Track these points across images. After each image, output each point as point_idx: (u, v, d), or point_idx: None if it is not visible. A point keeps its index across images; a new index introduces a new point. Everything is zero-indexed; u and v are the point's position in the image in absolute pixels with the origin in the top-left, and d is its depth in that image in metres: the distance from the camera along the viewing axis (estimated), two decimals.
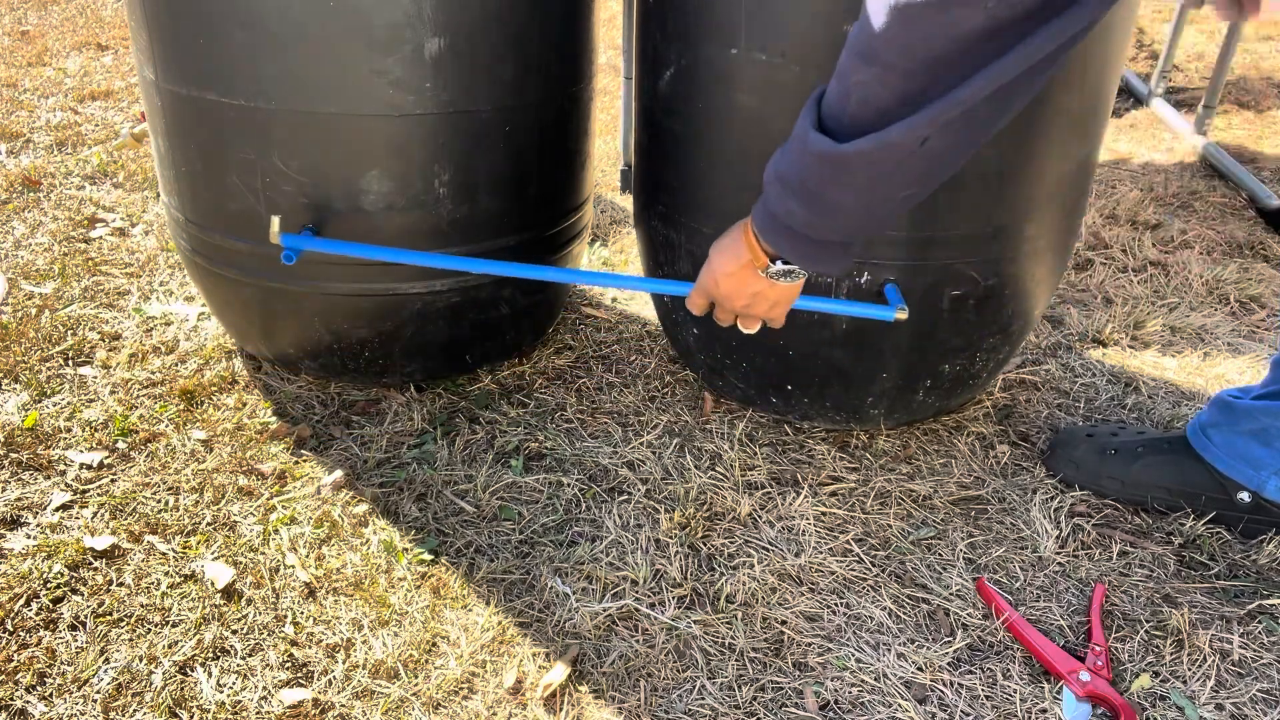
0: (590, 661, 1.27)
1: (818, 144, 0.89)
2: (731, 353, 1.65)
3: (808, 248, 1.02)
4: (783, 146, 0.99)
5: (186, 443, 1.65)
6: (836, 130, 0.89)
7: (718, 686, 1.24)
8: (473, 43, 1.46)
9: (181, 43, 1.45)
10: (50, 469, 1.57)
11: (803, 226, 1.00)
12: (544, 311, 1.90)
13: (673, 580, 1.40)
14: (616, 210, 2.74)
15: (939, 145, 0.83)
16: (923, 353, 1.54)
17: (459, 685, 1.23)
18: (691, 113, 1.47)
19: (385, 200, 1.52)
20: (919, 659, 1.29)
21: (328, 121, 1.45)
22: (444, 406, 1.79)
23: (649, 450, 1.68)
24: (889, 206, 0.93)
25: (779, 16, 1.30)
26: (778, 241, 1.04)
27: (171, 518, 1.48)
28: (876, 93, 0.83)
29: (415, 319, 1.67)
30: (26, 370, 1.82)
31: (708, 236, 1.53)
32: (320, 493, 1.55)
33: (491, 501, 1.55)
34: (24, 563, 1.38)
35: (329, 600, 1.35)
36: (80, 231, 2.40)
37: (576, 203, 1.81)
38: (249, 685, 1.21)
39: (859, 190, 0.90)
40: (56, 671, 1.22)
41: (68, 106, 3.32)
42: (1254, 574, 1.44)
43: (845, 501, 1.58)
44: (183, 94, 1.49)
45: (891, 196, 0.91)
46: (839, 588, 1.41)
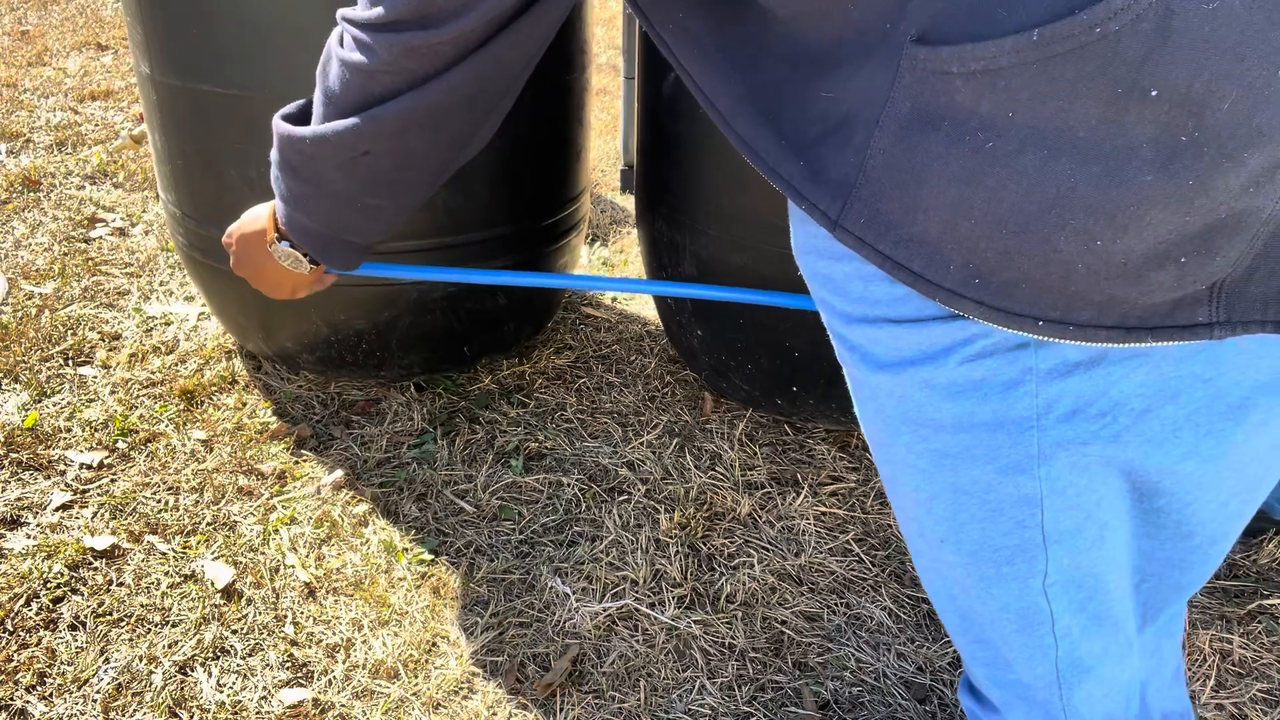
0: (590, 661, 1.27)
1: (280, 125, 0.91)
2: (736, 354, 1.65)
3: (305, 233, 1.01)
4: None
5: (186, 443, 1.65)
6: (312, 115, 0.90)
7: (718, 686, 1.24)
8: None
9: (175, 35, 1.45)
10: (50, 469, 1.57)
11: (292, 205, 0.99)
12: (542, 303, 1.90)
13: (673, 580, 1.40)
14: (616, 210, 2.73)
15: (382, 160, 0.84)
16: None
17: (459, 685, 1.23)
18: (695, 114, 1.47)
19: None
20: (919, 659, 1.29)
21: None
22: (444, 406, 1.79)
23: (649, 450, 1.68)
24: (355, 207, 0.93)
25: None
26: (287, 215, 1.02)
27: (171, 518, 1.48)
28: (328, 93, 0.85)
29: (412, 310, 1.66)
30: (26, 370, 1.82)
31: (713, 238, 1.53)
32: (320, 493, 1.55)
33: (491, 501, 1.55)
34: (24, 563, 1.38)
35: (329, 600, 1.35)
36: (80, 231, 2.40)
37: (573, 193, 1.80)
38: (249, 685, 1.21)
39: (314, 181, 0.91)
40: (56, 671, 1.22)
41: (68, 106, 3.32)
42: (1254, 574, 1.44)
43: (845, 501, 1.58)
44: (177, 86, 1.49)
45: (350, 197, 0.91)
46: (839, 588, 1.41)
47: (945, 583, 0.72)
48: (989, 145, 0.53)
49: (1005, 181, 0.53)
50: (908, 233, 0.58)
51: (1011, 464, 0.63)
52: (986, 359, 0.61)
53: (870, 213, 0.59)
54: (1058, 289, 0.55)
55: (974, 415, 0.63)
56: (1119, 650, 0.70)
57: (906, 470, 0.69)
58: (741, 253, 1.50)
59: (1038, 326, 0.56)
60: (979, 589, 0.69)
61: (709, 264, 1.56)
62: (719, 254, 1.54)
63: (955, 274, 0.57)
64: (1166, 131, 0.49)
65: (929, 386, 0.64)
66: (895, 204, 0.58)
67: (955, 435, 0.64)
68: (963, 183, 0.54)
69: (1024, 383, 0.61)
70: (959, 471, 0.65)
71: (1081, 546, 0.65)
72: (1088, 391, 0.60)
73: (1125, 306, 0.55)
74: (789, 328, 1.53)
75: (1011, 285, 0.56)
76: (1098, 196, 0.51)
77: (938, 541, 0.70)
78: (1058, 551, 0.65)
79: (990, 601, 0.69)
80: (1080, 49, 0.48)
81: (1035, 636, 0.69)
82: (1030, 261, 0.55)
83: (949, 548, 0.69)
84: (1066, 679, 0.70)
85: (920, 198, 0.57)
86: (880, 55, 0.56)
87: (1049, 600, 0.67)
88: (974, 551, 0.68)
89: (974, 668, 0.76)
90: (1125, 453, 0.61)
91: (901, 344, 0.64)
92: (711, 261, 1.56)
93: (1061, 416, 0.61)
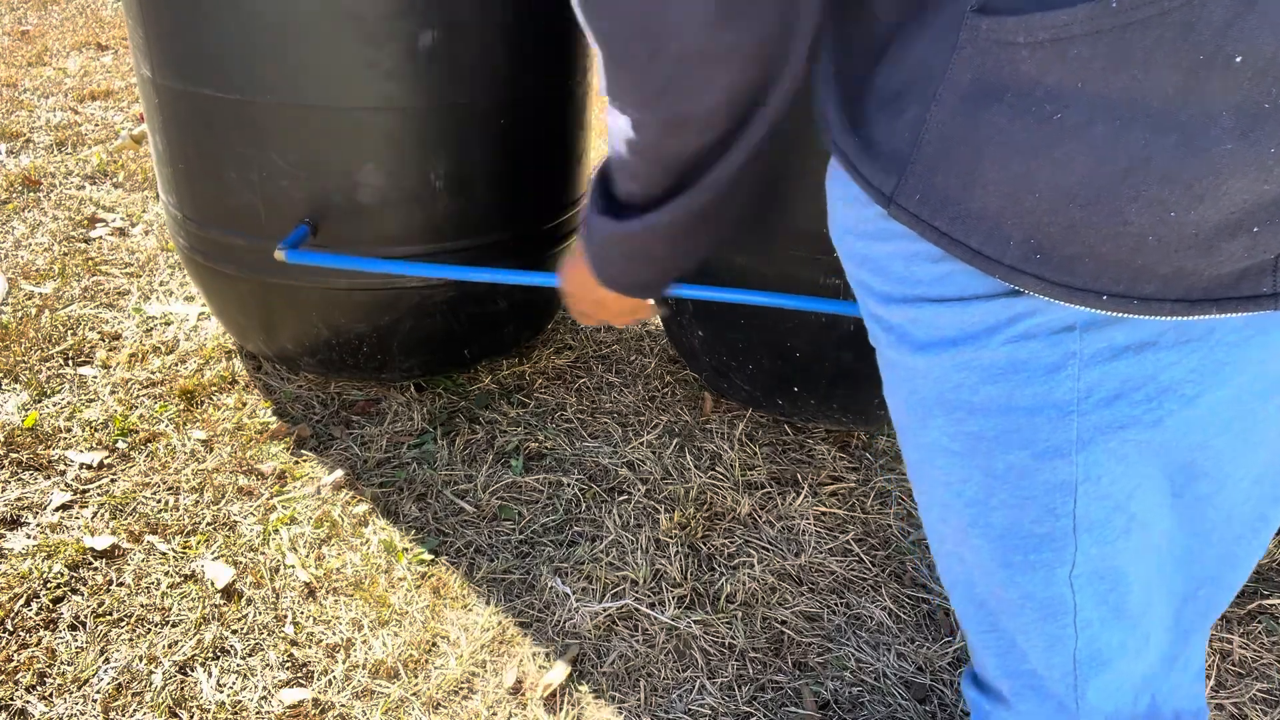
0: (590, 661, 1.27)
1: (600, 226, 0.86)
2: (737, 355, 1.65)
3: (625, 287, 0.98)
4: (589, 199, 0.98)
5: (186, 443, 1.65)
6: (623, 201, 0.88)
7: (718, 686, 1.24)
8: (465, 35, 1.46)
9: (177, 38, 1.45)
10: (50, 469, 1.57)
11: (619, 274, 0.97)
12: (542, 306, 1.90)
13: (673, 580, 1.40)
14: None
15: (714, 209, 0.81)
16: None
17: (459, 685, 1.23)
18: None
19: (380, 194, 1.52)
20: (919, 659, 1.29)
21: (322, 115, 1.45)
22: (444, 406, 1.79)
23: (649, 450, 1.68)
24: (694, 257, 0.91)
25: None
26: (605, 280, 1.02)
27: (171, 518, 1.48)
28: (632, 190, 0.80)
29: (413, 313, 1.67)
30: (26, 370, 1.82)
31: None
32: (320, 493, 1.55)
33: (491, 501, 1.55)
34: (24, 563, 1.38)
35: (329, 600, 1.35)
36: (80, 231, 2.40)
37: (573, 197, 1.81)
38: (249, 685, 1.21)
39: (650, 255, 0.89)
40: (56, 671, 1.22)
41: (68, 106, 3.32)
42: (1254, 574, 1.44)
43: (845, 501, 1.58)
44: (178, 89, 1.49)
45: (689, 252, 0.89)
46: (839, 588, 1.41)
47: (966, 569, 0.72)
48: (1056, 116, 0.52)
49: (1074, 153, 0.52)
50: (965, 208, 0.57)
51: (1049, 449, 0.62)
52: (1030, 341, 0.60)
53: (925, 188, 0.59)
54: (1124, 262, 0.54)
55: (1013, 398, 0.62)
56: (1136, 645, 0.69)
57: (937, 454, 0.68)
58: (743, 253, 1.50)
59: (1101, 301, 0.55)
60: (1003, 576, 0.68)
61: (710, 264, 1.56)
62: (720, 254, 1.54)
63: (1016, 249, 0.56)
64: (1249, 99, 0.48)
65: (968, 368, 0.63)
66: (952, 179, 0.57)
67: (992, 418, 0.63)
68: (1028, 155, 0.53)
69: (1066, 366, 0.60)
70: (993, 456, 0.65)
71: (1109, 537, 0.64)
72: (1134, 376, 0.59)
73: (1191, 279, 0.54)
74: (790, 328, 1.53)
75: (1075, 259, 0.55)
76: (1174, 166, 0.50)
77: (964, 527, 0.69)
78: (1087, 541, 0.65)
79: (1013, 589, 0.68)
80: (1160, 15, 0.47)
81: (1056, 626, 0.68)
82: (1097, 234, 0.54)
83: (975, 533, 0.68)
84: (1083, 671, 0.69)
85: (980, 171, 0.56)
86: (937, 27, 0.55)
87: (1074, 591, 0.66)
88: (1001, 538, 0.67)
89: (985, 657, 0.75)
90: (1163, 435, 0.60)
91: (942, 323, 0.63)
92: (712, 261, 1.56)
93: (1103, 400, 0.60)
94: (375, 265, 1.47)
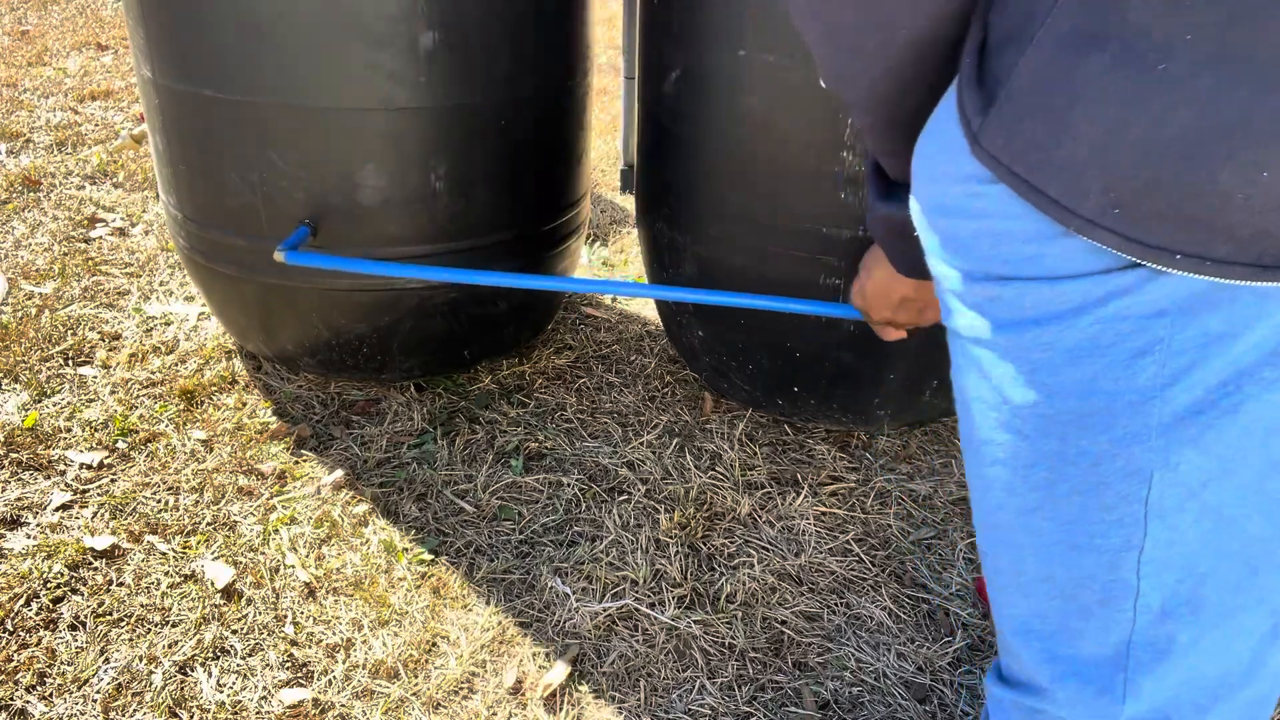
0: (590, 661, 1.27)
1: (882, 210, 0.92)
2: (737, 355, 1.65)
3: None
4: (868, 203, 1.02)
5: (186, 443, 1.65)
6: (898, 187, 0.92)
7: (718, 686, 1.24)
8: (467, 36, 1.46)
9: (178, 39, 1.45)
10: (50, 469, 1.57)
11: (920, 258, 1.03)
12: (542, 308, 1.91)
13: (673, 580, 1.40)
14: (616, 210, 2.74)
15: None
16: (930, 354, 1.54)
17: (459, 685, 1.23)
18: (697, 115, 1.47)
19: (381, 195, 1.52)
20: (919, 659, 1.29)
21: (323, 116, 1.45)
22: (444, 406, 1.79)
23: (649, 450, 1.68)
24: None
25: (785, 18, 1.30)
26: (908, 269, 1.07)
27: (171, 518, 1.48)
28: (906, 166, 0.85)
29: (413, 314, 1.67)
30: (26, 370, 1.82)
31: (713, 239, 1.53)
32: (320, 493, 1.55)
33: (491, 501, 1.55)
34: (24, 563, 1.38)
35: (329, 600, 1.35)
36: (80, 231, 2.40)
37: (574, 198, 1.81)
38: (249, 685, 1.21)
39: None
40: (56, 671, 1.22)
41: (68, 106, 3.32)
42: None
43: (845, 501, 1.58)
44: (179, 90, 1.49)
45: None
46: (839, 588, 1.41)
47: (1019, 554, 0.71)
48: (1160, 67, 0.51)
49: (1174, 106, 0.52)
50: (1049, 155, 0.57)
51: (1127, 434, 0.62)
52: (1120, 323, 0.60)
53: (1010, 133, 0.59)
54: (1204, 222, 0.53)
55: (1095, 381, 0.61)
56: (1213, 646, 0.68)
57: (1008, 435, 0.67)
58: (743, 253, 1.50)
59: (1175, 260, 0.55)
60: (1065, 559, 0.68)
61: (709, 265, 1.56)
62: (720, 255, 1.54)
63: (1094, 202, 0.56)
64: None
65: (1051, 348, 0.62)
66: (1039, 125, 0.57)
67: (1070, 400, 0.63)
68: (1124, 105, 0.53)
69: (1153, 351, 0.59)
70: (1067, 439, 0.64)
71: (1182, 526, 0.64)
72: (1217, 362, 0.59)
73: (1267, 242, 0.53)
74: (790, 328, 1.53)
75: (1154, 217, 0.54)
76: (1276, 128, 0.50)
77: (1027, 511, 0.68)
78: (1158, 528, 0.64)
79: (1075, 570, 0.68)
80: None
81: (1115, 610, 0.67)
82: (1182, 192, 0.53)
83: (1040, 517, 0.68)
84: (1137, 658, 0.68)
85: (1070, 120, 0.55)
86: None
87: (1139, 577, 0.66)
88: (1068, 522, 0.66)
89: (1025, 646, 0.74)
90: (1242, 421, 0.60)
91: (1027, 303, 0.63)
92: (712, 262, 1.56)
93: (1186, 387, 0.59)
94: (374, 267, 1.47)
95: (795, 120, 1.36)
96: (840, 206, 1.38)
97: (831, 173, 1.36)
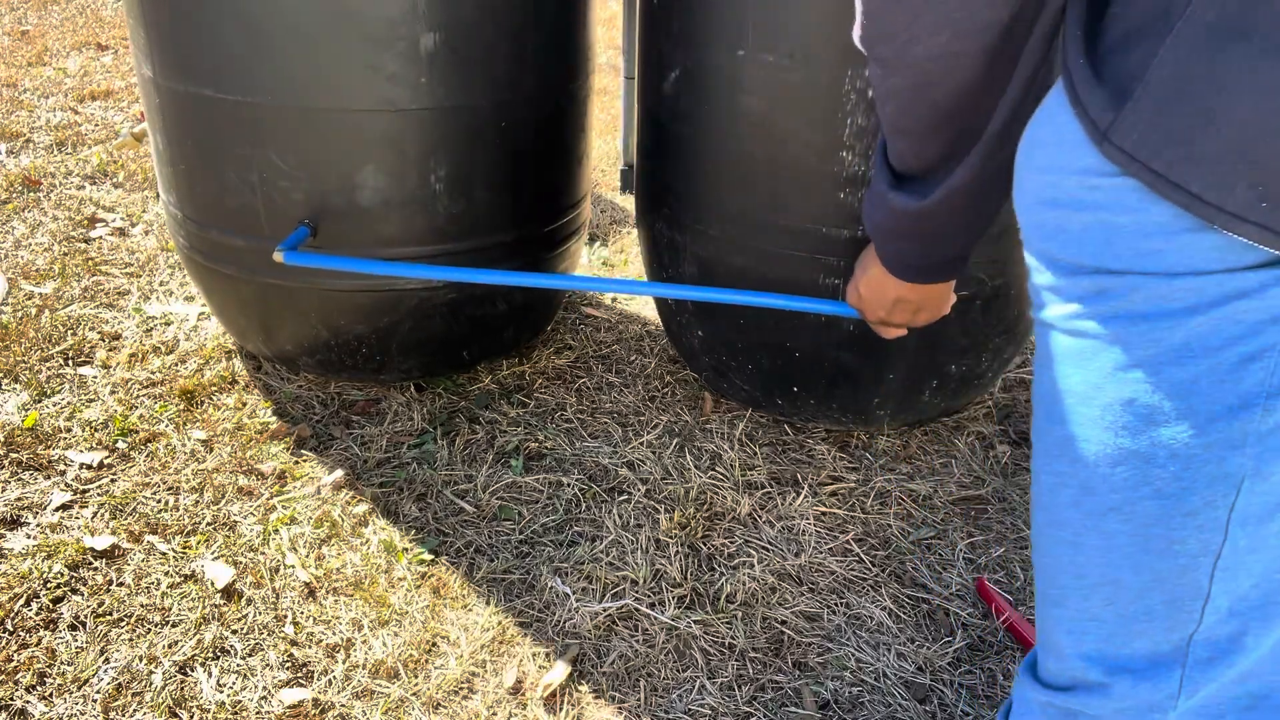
0: (590, 661, 1.27)
1: (900, 202, 0.93)
2: (737, 355, 1.65)
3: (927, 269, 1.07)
4: (867, 196, 1.02)
5: (186, 443, 1.65)
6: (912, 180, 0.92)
7: (718, 686, 1.24)
8: (468, 38, 1.46)
9: (179, 39, 1.45)
10: (50, 469, 1.57)
11: (918, 259, 1.05)
12: (542, 309, 1.90)
13: (673, 580, 1.40)
14: (616, 210, 2.74)
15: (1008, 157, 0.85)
16: (930, 353, 1.54)
17: (459, 685, 1.23)
18: (697, 115, 1.47)
19: (381, 196, 1.52)
20: (919, 659, 1.29)
21: (323, 117, 1.45)
22: (444, 406, 1.79)
23: (649, 450, 1.68)
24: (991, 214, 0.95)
25: (785, 18, 1.30)
26: (900, 271, 1.09)
27: (171, 518, 1.48)
28: (922, 151, 0.86)
29: (412, 315, 1.67)
30: (26, 370, 1.82)
31: (713, 239, 1.53)
32: (320, 493, 1.55)
33: (491, 501, 1.55)
34: (24, 563, 1.38)
35: (329, 600, 1.35)
36: (80, 231, 2.40)
37: (574, 200, 1.81)
38: (249, 685, 1.21)
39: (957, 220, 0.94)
40: (56, 671, 1.22)
41: (68, 106, 3.32)
42: None
43: (845, 501, 1.58)
44: (180, 90, 1.49)
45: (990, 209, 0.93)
46: (839, 588, 1.41)
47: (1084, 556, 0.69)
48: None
49: None
50: (1191, 150, 0.55)
51: (1223, 440, 0.60)
52: (1232, 326, 0.58)
53: (1146, 127, 0.57)
54: None
55: (1197, 383, 0.60)
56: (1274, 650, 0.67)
57: (1095, 431, 0.66)
58: (742, 253, 1.50)
59: None
60: (1135, 562, 0.67)
61: (709, 264, 1.56)
62: (719, 254, 1.54)
63: (1241, 196, 0.54)
64: None
65: (1156, 344, 0.61)
66: (1179, 119, 0.55)
67: (1169, 400, 0.61)
68: (1271, 96, 0.52)
69: (1262, 358, 0.58)
70: (1158, 440, 0.63)
71: (1265, 534, 0.63)
72: None
73: None
74: (790, 328, 1.53)
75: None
76: None
77: (1101, 512, 0.67)
78: (1238, 534, 0.63)
79: (1143, 575, 0.67)
80: None
81: (1181, 611, 0.66)
82: None
83: (1116, 519, 0.67)
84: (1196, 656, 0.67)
85: (1213, 112, 0.54)
86: None
87: (1212, 581, 0.65)
88: (1145, 525, 0.65)
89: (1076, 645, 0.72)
90: None
91: (1138, 297, 0.61)
92: (712, 262, 1.56)
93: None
94: (372, 267, 1.47)
95: (794, 120, 1.36)
96: (839, 206, 1.38)
97: (830, 173, 1.36)
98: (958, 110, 0.79)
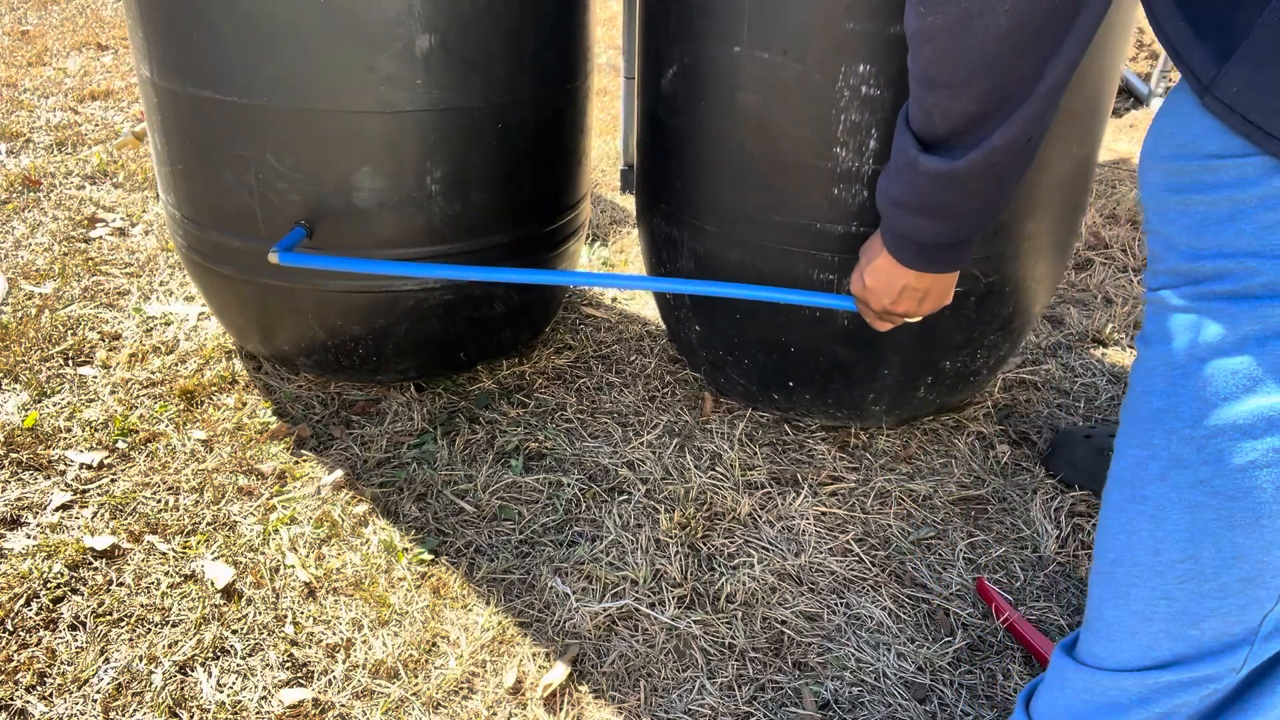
0: (590, 661, 1.27)
1: (930, 165, 0.91)
2: (734, 349, 1.65)
3: (936, 253, 1.06)
4: (886, 172, 1.01)
5: (186, 443, 1.65)
6: (937, 145, 0.90)
7: (718, 686, 1.24)
8: (465, 39, 1.46)
9: (177, 40, 1.45)
10: (50, 469, 1.57)
11: (931, 239, 1.04)
12: (540, 310, 1.90)
13: (673, 580, 1.40)
14: (616, 210, 2.74)
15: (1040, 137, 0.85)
16: (924, 349, 1.55)
17: (459, 685, 1.23)
18: (694, 111, 1.47)
19: (377, 197, 1.52)
20: (919, 659, 1.29)
21: (320, 118, 1.45)
22: (444, 406, 1.79)
23: (649, 450, 1.68)
24: (1008, 197, 0.95)
25: (781, 14, 1.30)
26: (908, 258, 1.08)
27: (171, 518, 1.48)
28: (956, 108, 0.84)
29: (408, 317, 1.67)
30: (26, 370, 1.82)
31: (711, 234, 1.53)
32: (320, 493, 1.55)
33: (491, 501, 1.55)
34: (24, 563, 1.38)
35: (329, 600, 1.35)
36: (80, 231, 2.40)
37: (572, 201, 1.80)
38: (249, 685, 1.21)
39: (982, 194, 0.94)
40: (56, 671, 1.22)
41: (68, 106, 3.32)
42: None
43: (845, 501, 1.58)
44: (178, 91, 1.49)
45: (1009, 190, 0.93)
46: (839, 588, 1.41)
47: (1166, 529, 0.70)
48: None
49: None
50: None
51: None
52: None
53: (1247, 79, 0.59)
54: None
55: None
56: None
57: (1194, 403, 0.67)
58: (738, 248, 1.50)
59: None
60: (1217, 537, 0.67)
61: (707, 260, 1.56)
62: (716, 249, 1.54)
63: None
64: None
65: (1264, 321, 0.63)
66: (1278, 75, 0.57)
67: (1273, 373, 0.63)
68: None
69: None
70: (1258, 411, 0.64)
71: None
72: None
73: None
74: (785, 322, 1.54)
75: None
76: None
77: (1191, 485, 0.68)
78: None
79: (1224, 551, 0.68)
80: None
81: (1259, 588, 0.67)
82: None
83: (1204, 491, 0.68)
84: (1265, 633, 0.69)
85: None
86: None
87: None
88: (1233, 499, 0.66)
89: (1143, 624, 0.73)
90: None
91: (1255, 281, 0.63)
92: (709, 257, 1.56)
93: None
94: (366, 266, 1.47)
95: (789, 116, 1.36)
96: (833, 202, 1.38)
97: (824, 169, 1.36)
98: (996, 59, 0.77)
